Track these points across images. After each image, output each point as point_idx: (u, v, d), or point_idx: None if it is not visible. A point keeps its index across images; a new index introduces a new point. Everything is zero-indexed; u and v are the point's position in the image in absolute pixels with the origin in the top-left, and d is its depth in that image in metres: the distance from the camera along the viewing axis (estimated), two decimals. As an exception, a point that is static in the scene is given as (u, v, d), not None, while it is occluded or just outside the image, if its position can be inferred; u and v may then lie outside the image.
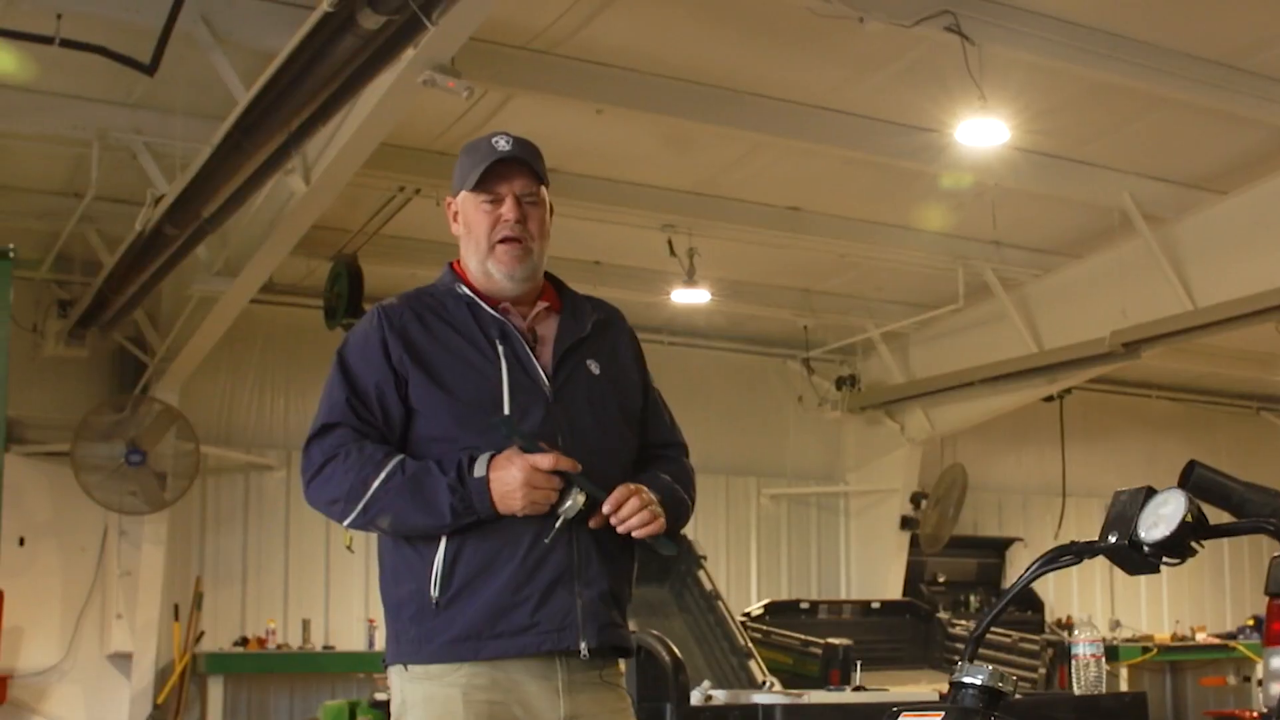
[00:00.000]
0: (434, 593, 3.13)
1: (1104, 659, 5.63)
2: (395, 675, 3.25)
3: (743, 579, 14.38)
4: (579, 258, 11.35)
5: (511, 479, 3.06)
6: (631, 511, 3.13)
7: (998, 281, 11.88)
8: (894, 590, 14.14)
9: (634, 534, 3.17)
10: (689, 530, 9.61)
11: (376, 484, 3.11)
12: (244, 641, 11.82)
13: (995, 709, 2.22)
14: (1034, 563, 2.41)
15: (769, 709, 5.69)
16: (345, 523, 3.19)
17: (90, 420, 10.83)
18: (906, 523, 14.51)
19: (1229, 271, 10.22)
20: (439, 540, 3.14)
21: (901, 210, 10.94)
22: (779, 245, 11.37)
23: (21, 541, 11.24)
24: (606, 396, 3.35)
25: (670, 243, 10.82)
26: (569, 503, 3.08)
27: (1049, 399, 14.29)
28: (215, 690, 11.57)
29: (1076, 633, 5.72)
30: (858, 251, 11.57)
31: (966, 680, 2.26)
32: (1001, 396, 13.12)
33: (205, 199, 7.63)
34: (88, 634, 11.47)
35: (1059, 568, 2.39)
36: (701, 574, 8.57)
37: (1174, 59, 8.17)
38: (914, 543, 14.57)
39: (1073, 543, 2.38)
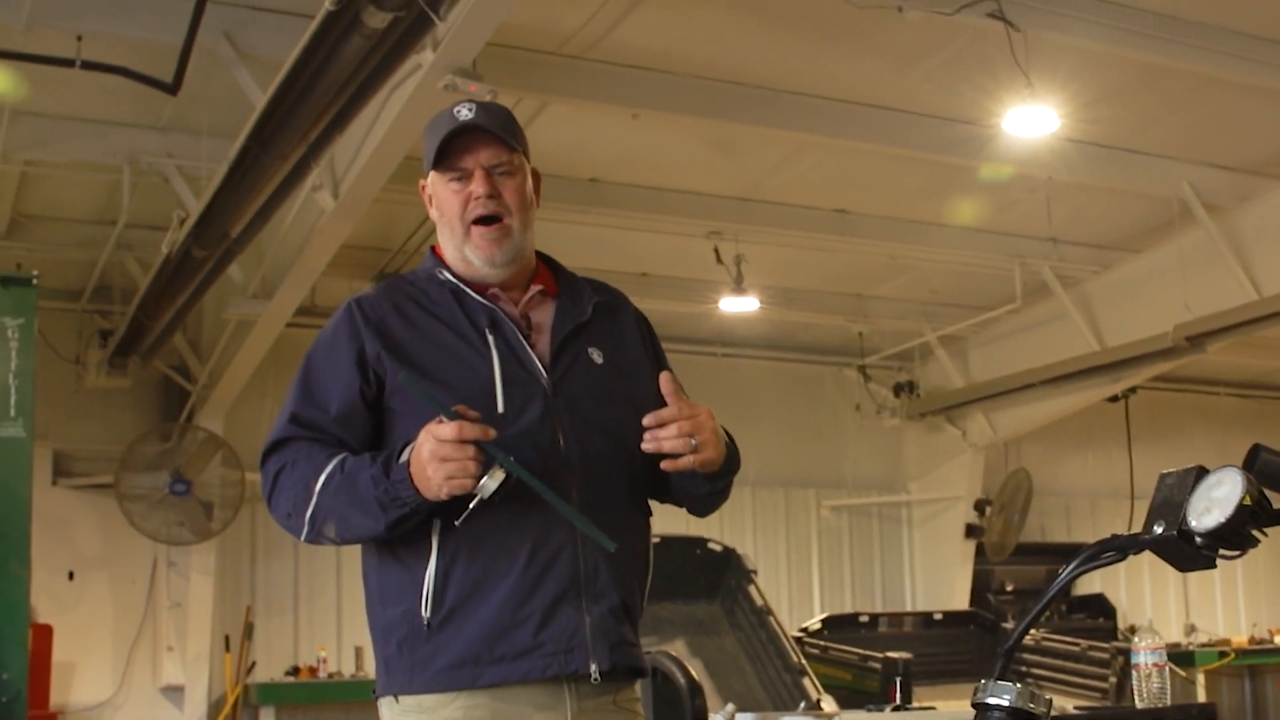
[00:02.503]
0: (425, 614, 2.78)
1: (1167, 668, 5.29)
2: (385, 709, 2.89)
3: (805, 594, 14.08)
4: (624, 270, 11.10)
5: (420, 455, 2.68)
6: (674, 433, 2.76)
7: (1056, 279, 11.55)
8: (961, 600, 13.81)
9: (665, 464, 2.78)
10: (738, 543, 9.35)
11: (318, 487, 2.78)
12: (295, 671, 11.63)
13: (1025, 733, 1.93)
14: (1073, 561, 2.13)
15: (796, 732, 5.34)
16: (302, 537, 2.86)
17: (135, 450, 10.70)
18: (971, 531, 14.21)
19: (1294, 260, 9.88)
20: (429, 555, 2.80)
21: (953, 209, 10.63)
22: (828, 249, 11.09)
23: (71, 575, 11.24)
24: (612, 386, 2.97)
25: (716, 250, 10.55)
26: (484, 479, 2.66)
27: (1114, 399, 13.95)
28: (268, 721, 11.41)
29: (1136, 640, 5.38)
30: (909, 253, 11.27)
31: (991, 701, 1.96)
32: (1064, 397, 12.80)
33: (230, 218, 7.45)
34: (139, 667, 11.36)
35: (1101, 565, 2.11)
36: (752, 589, 8.26)
37: (1228, 38, 7.85)
38: (980, 551, 14.25)
39: (1115, 536, 2.09)
